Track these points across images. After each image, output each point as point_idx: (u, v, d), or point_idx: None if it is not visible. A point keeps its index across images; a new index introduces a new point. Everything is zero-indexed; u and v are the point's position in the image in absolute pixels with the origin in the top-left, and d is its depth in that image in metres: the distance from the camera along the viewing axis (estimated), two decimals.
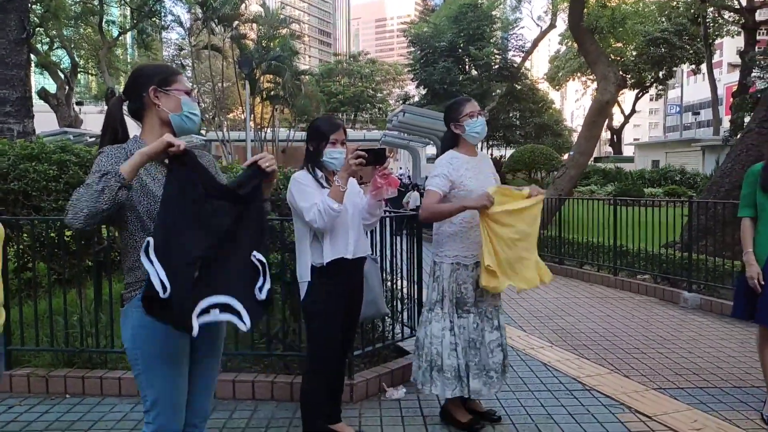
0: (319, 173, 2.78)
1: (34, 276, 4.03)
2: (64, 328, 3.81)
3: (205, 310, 1.75)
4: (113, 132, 1.96)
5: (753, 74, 26.72)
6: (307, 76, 40.07)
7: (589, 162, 33.37)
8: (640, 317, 5.67)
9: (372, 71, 57.58)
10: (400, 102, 37.68)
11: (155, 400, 1.88)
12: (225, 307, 1.78)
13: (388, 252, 4.06)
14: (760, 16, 31.52)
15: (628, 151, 46.89)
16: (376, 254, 3.79)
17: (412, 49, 32.77)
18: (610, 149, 51.28)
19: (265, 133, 36.62)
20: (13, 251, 4.66)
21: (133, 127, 2.06)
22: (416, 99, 36.11)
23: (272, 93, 34.96)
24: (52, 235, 4.33)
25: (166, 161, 1.81)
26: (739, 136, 12.30)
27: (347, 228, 2.77)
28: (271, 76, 34.41)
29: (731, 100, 30.92)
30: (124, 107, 2.01)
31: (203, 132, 39.69)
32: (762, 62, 25.11)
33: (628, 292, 6.95)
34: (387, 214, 4.35)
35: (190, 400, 1.99)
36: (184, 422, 1.99)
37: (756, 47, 28.74)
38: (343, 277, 2.78)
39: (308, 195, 2.68)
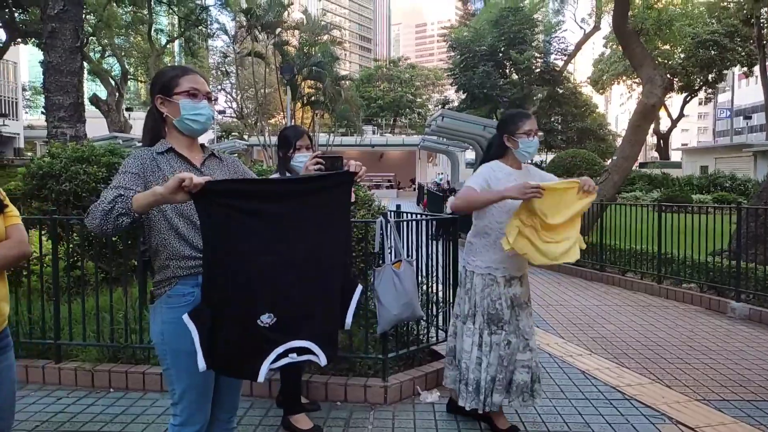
0: (289, 176, 3.07)
1: (83, 274, 4.19)
2: (110, 325, 3.96)
3: (282, 354, 1.77)
4: (147, 136, 2.04)
5: None
6: (347, 82, 40.42)
7: (634, 167, 32.54)
8: (685, 327, 5.48)
9: (411, 76, 57.69)
10: (440, 107, 37.55)
11: (182, 393, 1.94)
12: (302, 350, 1.80)
13: (425, 255, 4.06)
14: None
15: (675, 156, 45.42)
16: (411, 257, 3.80)
17: (452, 53, 32.65)
18: (656, 154, 49.79)
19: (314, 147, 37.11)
20: (64, 250, 4.86)
21: None
22: (455, 104, 35.94)
23: (313, 98, 35.41)
24: None
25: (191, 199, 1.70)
26: None
27: None
28: (312, 82, 34.85)
29: None
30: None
31: (245, 137, 40.61)
32: None
33: (673, 300, 6.73)
34: (423, 217, 4.35)
35: (217, 396, 2.04)
36: (213, 417, 2.05)
37: None
38: None
39: None
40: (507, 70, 30.80)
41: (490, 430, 3.17)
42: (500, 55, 30.24)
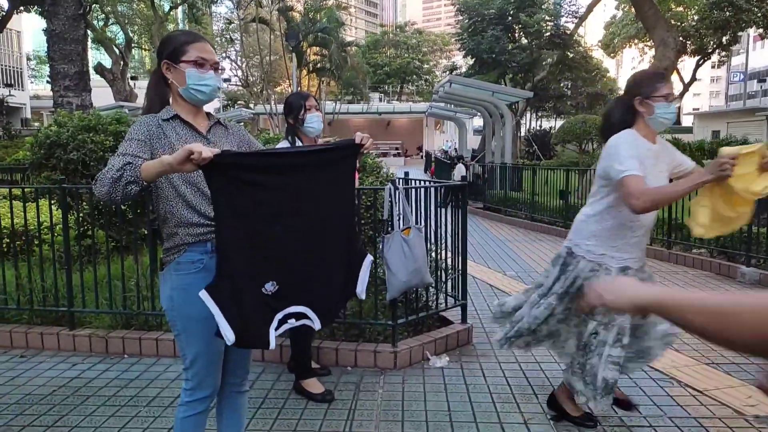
0: (299, 143, 3.01)
1: (93, 243, 4.22)
2: (122, 292, 4.00)
3: (282, 320, 1.86)
4: (150, 101, 1.99)
5: None
6: (353, 48, 39.84)
7: None
8: (695, 292, 5.47)
9: (419, 42, 56.74)
10: (447, 73, 37.03)
11: (194, 359, 1.95)
12: (300, 315, 1.90)
13: (433, 222, 4.05)
14: None
15: (686, 121, 44.77)
16: (420, 224, 3.79)
17: (460, 17, 31.94)
18: None
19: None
20: (74, 219, 4.89)
21: None
22: (463, 70, 35.41)
23: (319, 65, 34.98)
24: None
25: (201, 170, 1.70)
26: None
27: None
28: (318, 49, 34.36)
29: None
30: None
31: (251, 105, 40.30)
32: None
33: (683, 266, 6.71)
34: (432, 184, 4.32)
35: (228, 361, 2.06)
36: (225, 381, 2.08)
37: None
38: None
39: None
40: (516, 34, 30.12)
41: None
42: (509, 18, 29.52)
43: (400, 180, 4.57)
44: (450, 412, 3.02)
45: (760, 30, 36.85)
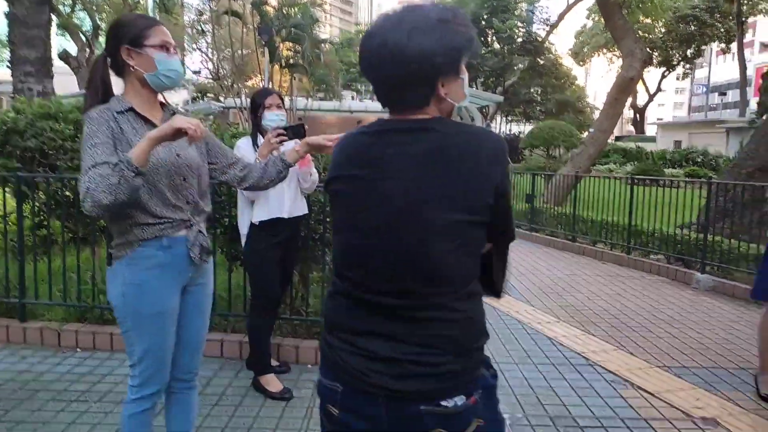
0: (262, 140, 2.99)
1: (49, 233, 4.10)
2: (77, 285, 3.89)
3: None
4: (95, 90, 1.89)
5: None
6: (327, 45, 39.61)
7: (610, 141, 32.84)
8: (651, 297, 5.63)
9: None
10: None
11: (143, 355, 1.90)
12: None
13: None
14: None
15: (651, 130, 45.96)
16: None
17: None
18: (632, 128, 50.31)
19: (284, 101, 36.45)
20: (29, 208, 4.74)
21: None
22: None
23: (291, 61, 34.66)
24: (67, 194, 4.38)
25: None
26: (765, 118, 11.99)
27: (282, 190, 3.00)
28: (291, 44, 34.05)
29: (761, 81, 29.99)
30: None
31: (221, 99, 39.69)
32: None
33: (641, 271, 6.89)
34: None
35: (178, 357, 2.01)
36: (174, 377, 2.04)
37: None
38: (278, 232, 3.08)
39: None
40: (489, 39, 30.50)
41: None
42: (483, 23, 29.87)
43: None
44: None
45: (723, 45, 38.21)
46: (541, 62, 32.44)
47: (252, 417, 2.90)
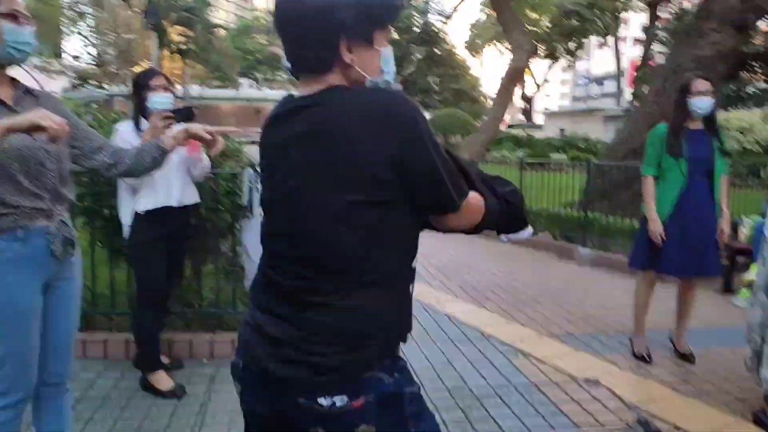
0: (145, 123, 2.84)
1: None
2: None
3: None
4: None
5: (654, 49, 28.35)
6: (221, 31, 38.16)
7: (503, 129, 34.42)
8: (539, 271, 5.98)
9: None
10: None
11: (4, 357, 1.72)
12: None
13: None
14: None
15: (538, 119, 48.78)
16: None
17: None
18: (523, 117, 53.13)
19: (175, 89, 34.73)
20: None
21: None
22: None
23: (183, 47, 33.00)
24: None
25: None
26: (633, 103, 13.04)
27: (170, 177, 2.85)
28: (182, 29, 32.42)
29: (634, 73, 32.77)
30: None
31: (105, 86, 37.09)
32: (663, 39, 26.63)
33: (530, 248, 7.28)
34: None
35: (45, 360, 1.84)
36: (43, 381, 1.85)
37: (658, 23, 30.43)
38: (167, 222, 2.90)
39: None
40: None
41: None
42: None
43: None
44: None
45: (601, 38, 41.24)
46: (438, 52, 33.25)
47: (140, 418, 2.72)
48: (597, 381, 3.18)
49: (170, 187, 2.89)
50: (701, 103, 3.28)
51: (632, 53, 51.92)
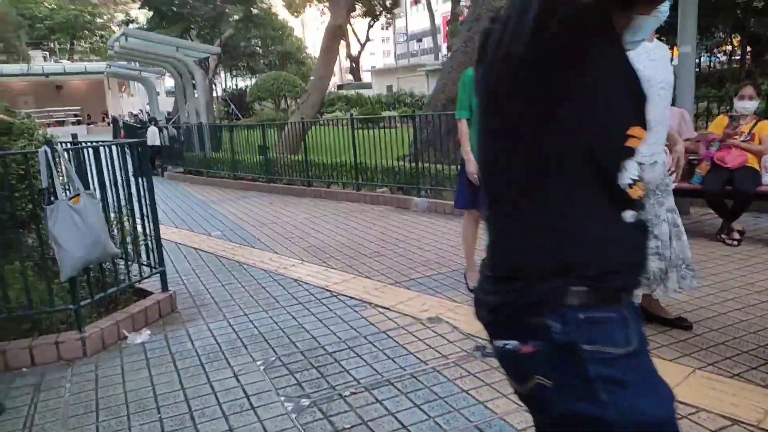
0: None
1: None
2: None
3: None
4: None
5: (461, 4, 30.13)
6: None
7: (333, 89, 34.51)
8: (380, 225, 6.18)
9: None
10: (124, 27, 33.38)
11: None
12: None
13: (114, 186, 3.63)
14: None
15: (367, 77, 49.75)
16: (93, 189, 3.33)
17: None
18: (351, 77, 53.73)
19: None
20: None
21: None
22: (143, 24, 32.34)
23: None
24: None
25: None
26: (448, 56, 13.86)
27: None
28: None
29: (446, 28, 34.66)
30: None
31: None
32: None
33: (370, 204, 7.50)
34: (104, 143, 3.82)
35: None
36: None
37: None
38: None
39: None
40: None
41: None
42: None
43: (65, 143, 3.93)
44: (153, 386, 2.79)
45: None
46: (256, 12, 31.93)
47: None
48: (438, 318, 3.41)
49: None
50: None
51: (444, 9, 54.75)
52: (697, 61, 14.59)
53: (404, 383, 2.65)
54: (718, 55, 20.01)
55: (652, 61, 2.74)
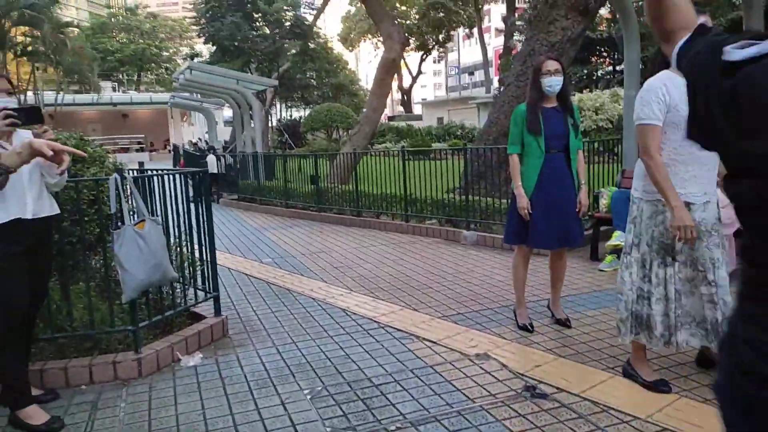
0: None
1: None
2: None
3: None
4: None
5: (514, 38, 30.28)
6: (74, 30, 35.04)
7: (384, 121, 35.07)
8: (428, 257, 6.17)
9: (154, 27, 52.53)
10: (188, 60, 35.19)
11: None
12: None
13: (176, 213, 3.79)
14: None
15: (417, 109, 50.36)
16: (157, 215, 3.49)
17: (197, 0, 30.52)
18: (402, 109, 54.50)
19: (25, 95, 31.45)
20: None
21: None
22: (206, 58, 34.01)
23: (30, 48, 29.92)
24: None
25: None
26: (500, 89, 13.87)
27: (22, 188, 2.60)
28: (27, 29, 29.38)
29: (499, 61, 34.80)
30: None
31: None
32: (520, 27, 28.55)
33: (419, 236, 7.51)
34: (168, 172, 4.01)
35: None
36: None
37: (516, 13, 32.54)
38: (22, 237, 2.63)
39: None
40: (257, 23, 30.01)
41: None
42: (249, 5, 29.22)
43: (133, 171, 4.16)
44: (204, 409, 2.85)
45: (467, 30, 43.34)
46: (312, 46, 33.05)
47: None
48: (486, 355, 3.35)
49: (23, 198, 2.61)
50: (551, 81, 3.55)
51: (496, 43, 55.05)
52: None
53: (451, 421, 2.61)
54: None
55: None
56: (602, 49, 23.45)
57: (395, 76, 31.55)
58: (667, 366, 3.07)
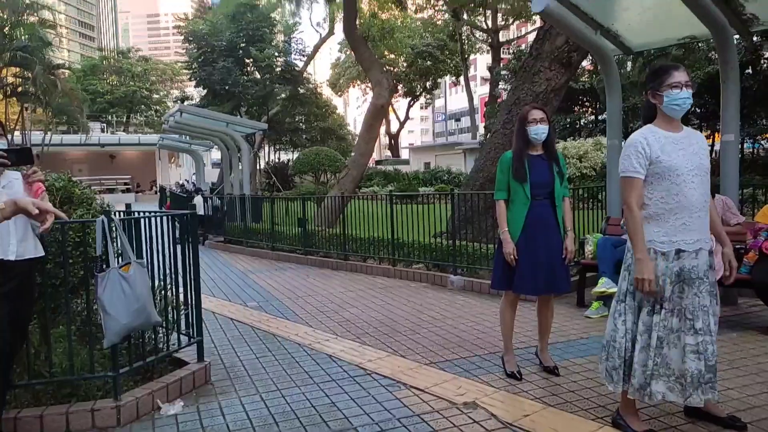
0: None
1: None
2: None
3: None
4: None
5: (499, 86, 31.07)
6: (65, 72, 35.37)
7: (372, 165, 35.43)
8: (415, 302, 6.13)
9: (145, 70, 53.22)
10: (179, 103, 35.54)
11: None
12: None
13: (161, 256, 3.75)
14: (502, 37, 36.90)
15: (405, 154, 51.02)
16: (142, 258, 3.45)
17: (189, 46, 31.03)
18: (389, 153, 55.18)
19: (12, 135, 31.37)
20: None
21: None
22: (197, 100, 34.37)
23: (20, 89, 30.07)
24: None
25: None
26: (487, 137, 14.15)
27: (7, 230, 2.59)
28: (18, 70, 29.61)
29: (484, 108, 35.60)
30: None
31: None
32: (505, 77, 29.36)
33: (405, 280, 7.48)
34: (155, 214, 3.99)
35: None
36: None
37: (501, 63, 33.52)
38: (4, 280, 2.59)
39: None
40: (248, 68, 30.54)
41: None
42: (240, 52, 29.78)
43: (119, 212, 4.13)
44: None
45: (453, 78, 44.47)
46: (302, 92, 33.58)
47: None
48: (475, 403, 3.30)
49: (5, 239, 2.59)
50: (537, 130, 3.64)
51: (482, 91, 56.47)
52: (740, 146, 14.57)
53: None
54: (762, 141, 19.84)
55: (681, 150, 2.67)
56: (584, 99, 24.12)
57: (383, 120, 32.08)
58: (656, 416, 3.04)
